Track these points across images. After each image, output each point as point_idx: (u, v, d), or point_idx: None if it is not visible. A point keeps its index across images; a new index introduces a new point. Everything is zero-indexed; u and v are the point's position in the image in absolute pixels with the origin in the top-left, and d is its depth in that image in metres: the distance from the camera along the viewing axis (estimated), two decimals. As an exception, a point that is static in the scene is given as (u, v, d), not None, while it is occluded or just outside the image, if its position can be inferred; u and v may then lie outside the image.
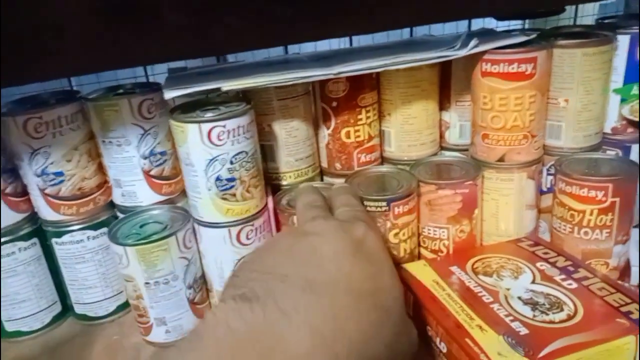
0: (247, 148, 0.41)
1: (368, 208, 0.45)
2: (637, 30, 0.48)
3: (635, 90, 0.50)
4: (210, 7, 0.45)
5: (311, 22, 0.47)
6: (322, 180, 0.53)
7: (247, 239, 0.43)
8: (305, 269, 0.28)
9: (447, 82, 0.53)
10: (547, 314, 0.36)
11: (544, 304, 0.37)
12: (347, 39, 0.58)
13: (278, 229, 0.46)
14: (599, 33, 0.48)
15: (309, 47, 0.56)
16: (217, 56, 0.55)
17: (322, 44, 0.57)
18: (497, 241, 0.50)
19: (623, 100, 0.50)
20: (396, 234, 0.47)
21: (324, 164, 0.53)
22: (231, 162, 0.40)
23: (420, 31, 0.61)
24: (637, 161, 0.51)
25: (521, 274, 0.42)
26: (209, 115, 0.40)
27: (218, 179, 0.40)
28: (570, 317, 0.36)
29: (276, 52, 0.57)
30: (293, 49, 0.58)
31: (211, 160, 0.40)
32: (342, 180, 0.50)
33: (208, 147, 0.39)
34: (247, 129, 0.41)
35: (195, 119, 0.39)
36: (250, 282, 0.28)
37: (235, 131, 0.40)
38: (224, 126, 0.39)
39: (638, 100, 0.50)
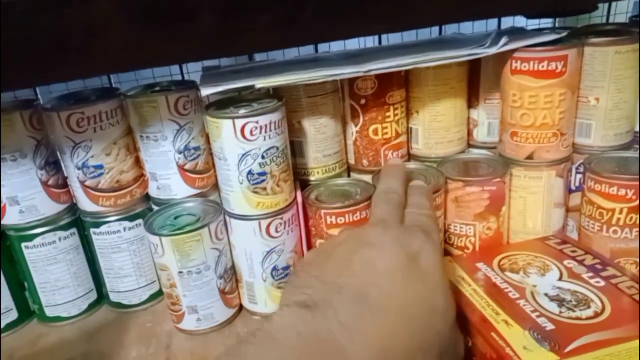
0: (278, 143, 0.42)
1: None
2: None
3: (668, 89, 0.49)
4: (242, 8, 0.47)
5: (339, 20, 0.48)
6: (349, 176, 0.54)
7: (276, 231, 0.44)
8: (361, 281, 0.29)
9: (476, 80, 0.53)
10: (573, 311, 0.36)
11: (570, 301, 0.37)
12: (376, 38, 0.59)
13: (306, 223, 0.47)
14: (631, 31, 0.48)
15: (338, 46, 0.57)
16: (249, 55, 0.56)
17: (351, 43, 0.58)
18: (524, 239, 0.50)
19: (656, 99, 0.49)
20: (422, 230, 0.47)
21: (352, 161, 0.53)
22: (262, 157, 0.41)
23: (450, 30, 0.61)
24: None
25: (548, 271, 0.42)
26: (242, 111, 0.41)
27: (250, 172, 0.42)
28: (597, 314, 0.36)
29: (306, 50, 0.58)
30: (323, 47, 0.59)
31: (244, 154, 0.41)
32: (369, 176, 0.51)
33: (241, 142, 0.41)
34: (279, 124, 0.42)
35: (229, 114, 0.41)
36: (309, 288, 0.30)
37: (267, 127, 0.41)
38: (256, 122, 0.40)
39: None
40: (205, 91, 0.41)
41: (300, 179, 0.51)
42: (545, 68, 0.44)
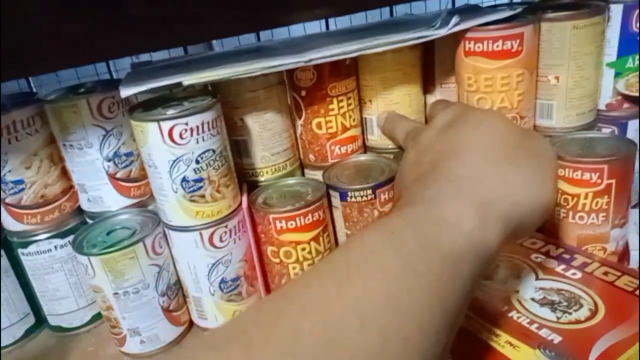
0: (214, 145, 0.38)
1: (353, 199, 0.43)
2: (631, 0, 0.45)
3: (630, 63, 0.46)
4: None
5: (277, 7, 0.44)
6: (302, 173, 0.51)
7: (221, 241, 0.41)
8: (467, 136, 0.32)
9: (431, 64, 0.49)
10: (569, 313, 0.33)
11: (560, 302, 0.35)
12: (323, 23, 0.55)
13: (254, 229, 0.43)
14: (590, 3, 0.45)
15: (282, 34, 0.53)
16: (184, 48, 0.52)
17: (296, 29, 0.53)
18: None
19: (617, 75, 0.47)
20: (382, 227, 0.44)
21: (301, 156, 0.50)
22: (197, 162, 0.37)
23: (401, 11, 0.57)
24: (634, 139, 0.48)
25: (521, 271, 0.39)
26: (170, 112, 0.37)
27: (184, 180, 0.38)
28: (594, 313, 0.33)
29: (247, 40, 0.53)
30: (266, 36, 0.55)
31: (175, 160, 0.37)
32: (319, 172, 0.47)
33: (170, 147, 0.37)
34: (213, 125, 0.38)
35: (155, 117, 0.36)
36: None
37: (199, 128, 0.37)
38: (185, 124, 0.36)
39: (634, 74, 0.47)
40: (126, 91, 0.37)
41: (248, 181, 0.47)
42: (500, 48, 0.41)
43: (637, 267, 0.43)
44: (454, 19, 0.41)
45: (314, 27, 0.57)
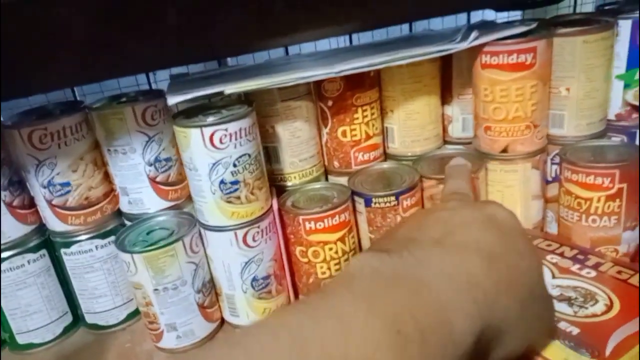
0: (249, 150, 0.41)
1: (377, 205, 0.45)
2: (639, 15, 0.48)
3: (638, 76, 0.49)
4: (209, 10, 0.46)
5: (309, 22, 0.47)
6: (327, 178, 0.53)
7: (254, 241, 0.43)
8: (435, 233, 0.29)
9: (449, 76, 0.52)
10: (586, 308, 0.35)
11: (577, 298, 0.37)
12: (347, 38, 0.58)
13: (284, 230, 0.46)
14: (599, 19, 0.48)
15: (309, 48, 0.56)
16: (218, 61, 0.55)
17: (322, 44, 0.57)
18: (505, 233, 0.50)
19: (626, 86, 0.50)
20: (404, 230, 0.46)
21: (326, 163, 0.53)
22: (234, 165, 0.40)
23: (420, 26, 0.61)
24: (643, 147, 0.51)
25: None
26: (210, 119, 0.40)
27: (222, 182, 0.40)
28: (609, 307, 0.35)
29: (277, 53, 0.57)
30: (294, 50, 0.58)
31: (214, 164, 0.40)
32: (343, 178, 0.50)
33: (211, 151, 0.39)
34: (249, 131, 0.41)
35: (197, 123, 0.39)
36: (384, 245, 0.29)
37: (237, 134, 0.40)
38: (225, 129, 0.39)
39: (641, 86, 0.50)
40: (173, 100, 0.40)
41: (276, 185, 0.50)
42: (515, 61, 0.44)
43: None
44: (474, 34, 0.45)
45: (338, 42, 0.60)
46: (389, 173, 0.50)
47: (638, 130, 0.50)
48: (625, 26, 0.48)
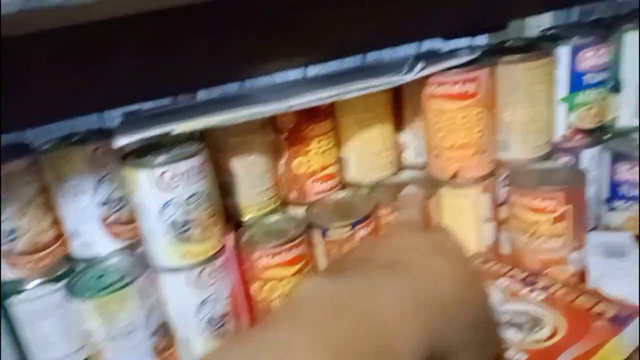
0: (201, 188, 0.41)
1: (333, 236, 0.46)
2: (578, 41, 0.50)
3: (579, 99, 0.51)
4: (162, 47, 0.46)
5: (264, 56, 0.48)
6: (284, 211, 0.53)
7: (209, 279, 0.43)
8: (385, 258, 0.29)
9: (401, 104, 0.54)
10: (534, 333, 0.36)
11: (526, 322, 0.38)
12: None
13: (240, 267, 0.45)
14: (540, 46, 0.50)
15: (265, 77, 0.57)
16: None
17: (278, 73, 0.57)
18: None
19: (570, 108, 0.52)
20: (362, 259, 0.47)
21: (284, 193, 0.53)
22: (186, 204, 0.40)
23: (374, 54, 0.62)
24: (589, 167, 0.53)
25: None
26: (160, 158, 0.40)
27: (173, 222, 0.40)
28: (556, 331, 0.36)
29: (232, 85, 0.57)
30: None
31: (165, 204, 0.40)
32: (301, 209, 0.50)
33: (160, 192, 0.39)
34: (201, 169, 0.41)
35: (145, 164, 0.39)
36: (337, 267, 0.30)
37: (187, 173, 0.40)
38: (175, 169, 0.39)
39: (584, 108, 0.52)
40: (120, 142, 0.40)
41: (233, 220, 0.49)
42: (459, 90, 0.45)
43: (594, 287, 0.46)
44: (419, 65, 0.46)
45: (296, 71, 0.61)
46: (346, 202, 0.50)
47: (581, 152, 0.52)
48: (564, 52, 0.50)
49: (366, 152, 0.52)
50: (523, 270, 0.45)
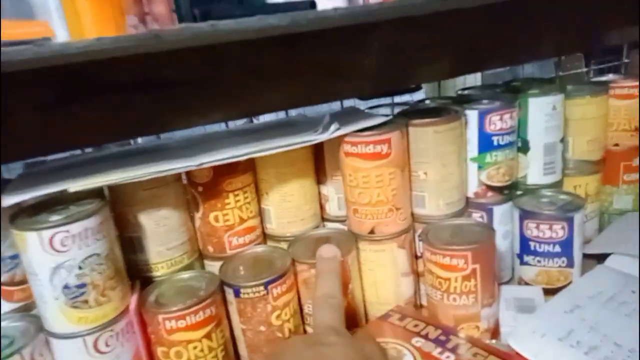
0: (99, 250, 0.39)
1: (246, 295, 0.44)
2: (485, 106, 0.53)
3: (488, 158, 0.54)
4: (63, 102, 0.43)
5: (174, 111, 0.46)
6: (203, 264, 0.52)
7: (107, 346, 0.40)
8: None
9: (322, 158, 0.54)
10: None
11: None
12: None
13: (144, 331, 0.43)
14: (449, 109, 0.53)
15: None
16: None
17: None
18: (380, 310, 0.50)
19: (480, 167, 0.54)
20: (278, 316, 0.46)
21: (201, 247, 0.51)
22: (80, 268, 0.38)
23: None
24: (500, 223, 0.55)
25: (402, 358, 0.42)
26: (52, 219, 0.37)
27: (66, 287, 0.37)
28: None
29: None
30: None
31: (56, 267, 0.37)
32: (219, 263, 0.49)
33: (51, 255, 0.37)
34: (98, 229, 0.39)
35: (34, 226, 0.37)
36: None
37: (81, 235, 0.37)
38: (67, 231, 0.37)
39: (493, 167, 0.54)
40: (7, 201, 0.37)
41: (143, 277, 0.47)
42: (372, 151, 0.46)
43: (506, 343, 0.47)
44: (334, 126, 0.47)
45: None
46: (263, 258, 0.49)
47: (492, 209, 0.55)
48: (472, 115, 0.53)
49: (286, 206, 0.52)
50: (437, 327, 0.45)
